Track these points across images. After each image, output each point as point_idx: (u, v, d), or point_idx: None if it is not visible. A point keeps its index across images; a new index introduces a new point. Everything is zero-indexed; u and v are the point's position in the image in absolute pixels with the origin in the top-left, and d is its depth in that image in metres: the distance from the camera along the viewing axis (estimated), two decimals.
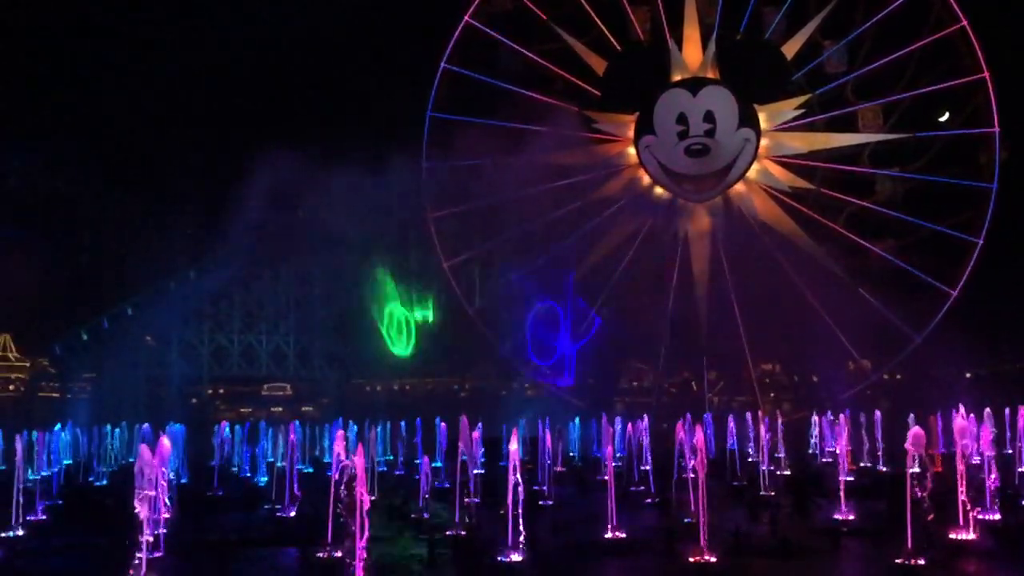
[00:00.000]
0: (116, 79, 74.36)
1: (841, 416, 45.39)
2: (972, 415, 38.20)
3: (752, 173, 65.27)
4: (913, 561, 22.17)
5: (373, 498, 34.54)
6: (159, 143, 75.74)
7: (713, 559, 23.33)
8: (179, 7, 75.84)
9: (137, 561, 21.50)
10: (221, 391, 79.17)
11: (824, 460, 45.90)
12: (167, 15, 76.83)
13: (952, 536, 25.30)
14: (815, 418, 50.76)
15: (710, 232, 65.75)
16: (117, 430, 51.41)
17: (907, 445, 23.68)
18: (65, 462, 45.25)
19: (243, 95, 76.31)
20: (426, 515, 31.34)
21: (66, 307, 76.83)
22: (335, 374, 76.82)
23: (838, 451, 38.58)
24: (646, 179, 66.28)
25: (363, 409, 59.32)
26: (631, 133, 65.96)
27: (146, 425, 41.78)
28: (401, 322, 74.03)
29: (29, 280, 68.40)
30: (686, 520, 27.85)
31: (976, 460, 33.59)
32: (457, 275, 67.60)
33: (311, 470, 46.67)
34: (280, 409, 73.97)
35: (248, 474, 45.62)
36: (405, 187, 64.80)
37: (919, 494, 22.51)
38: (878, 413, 46.40)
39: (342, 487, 20.74)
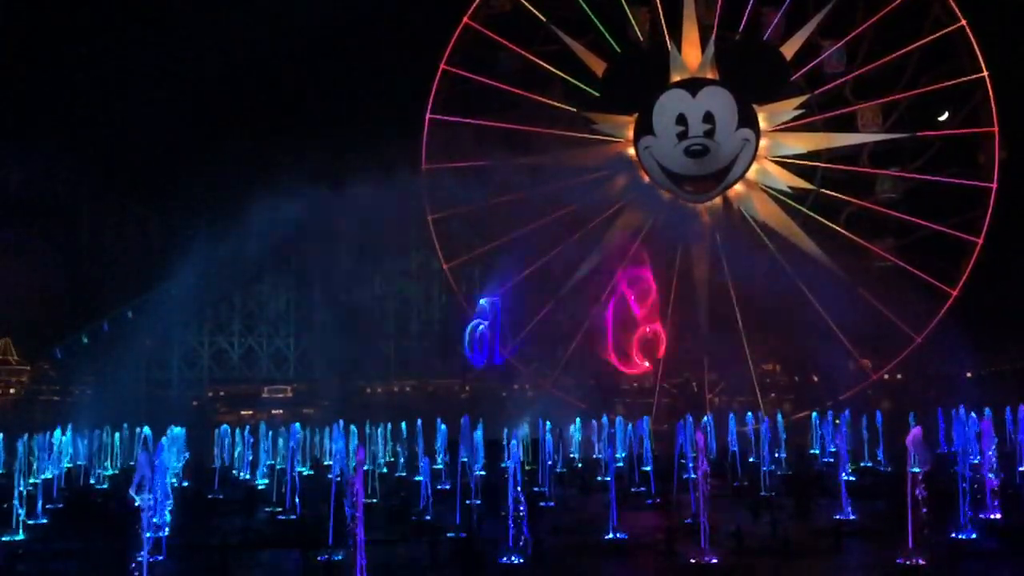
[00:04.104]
0: (117, 84, 74.41)
1: (842, 416, 45.39)
2: (972, 414, 38.22)
3: (751, 173, 65.21)
4: (914, 561, 22.16)
5: (375, 501, 34.75)
6: (158, 147, 75.75)
7: (714, 559, 23.32)
8: (178, 12, 75.80)
9: (137, 564, 21.50)
10: (222, 394, 79.13)
11: (825, 460, 45.87)
12: (166, 20, 76.81)
13: (953, 535, 25.34)
14: (816, 418, 50.75)
15: (710, 233, 65.70)
16: (118, 433, 51.44)
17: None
18: (66, 465, 45.23)
19: (242, 98, 76.30)
20: (427, 517, 31.29)
21: (66, 310, 76.82)
22: (335, 376, 76.74)
23: (838, 451, 38.56)
24: (646, 179, 66.25)
25: (363, 411, 59.30)
26: (630, 134, 65.95)
27: (147, 428, 41.79)
28: None
29: (30, 284, 68.42)
30: (687, 521, 27.87)
31: (975, 460, 33.55)
32: (457, 277, 67.62)
33: (311, 472, 46.68)
34: (280, 411, 73.92)
35: (248, 476, 45.64)
36: (405, 189, 64.74)
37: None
38: (879, 413, 46.37)
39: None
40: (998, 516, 28.22)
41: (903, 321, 60.42)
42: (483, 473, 40.37)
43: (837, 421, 48.85)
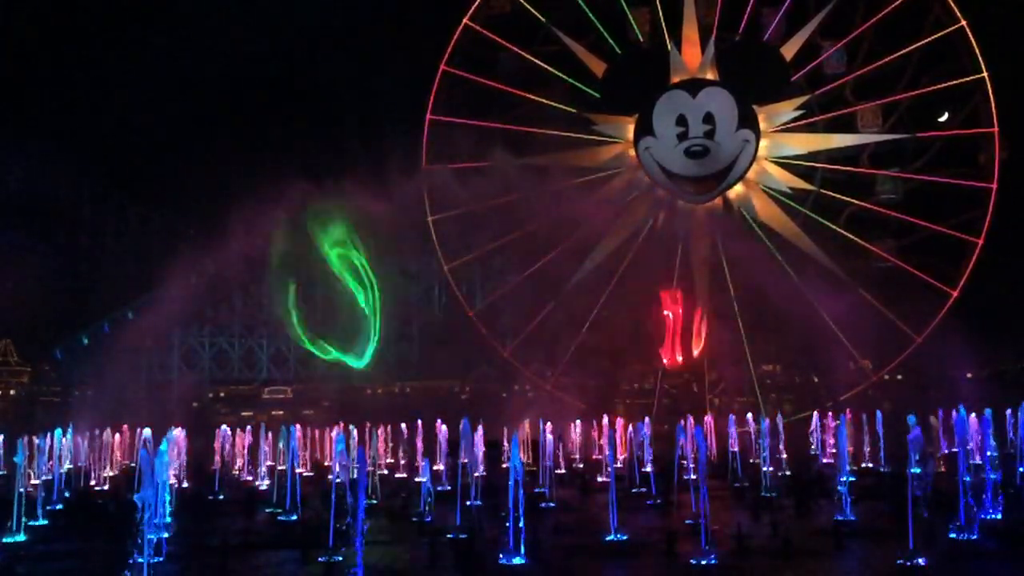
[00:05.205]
0: (117, 86, 74.39)
1: (842, 417, 45.28)
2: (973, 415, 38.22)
3: (752, 174, 65.24)
4: (914, 561, 22.16)
5: (375, 501, 34.75)
6: (158, 147, 75.78)
7: (715, 560, 23.32)
8: (178, 14, 75.84)
9: (138, 565, 21.49)
10: (222, 394, 79.15)
11: (825, 461, 45.84)
12: (166, 19, 76.88)
13: (953, 535, 25.33)
14: (816, 419, 50.73)
15: (710, 233, 65.70)
16: (118, 434, 51.40)
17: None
18: (66, 466, 45.18)
19: (242, 98, 76.32)
20: (428, 518, 31.28)
21: (67, 311, 76.81)
22: (335, 377, 76.65)
23: (838, 452, 38.51)
24: (646, 180, 66.27)
25: (363, 412, 59.25)
26: (631, 135, 65.96)
27: (147, 429, 41.74)
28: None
29: (30, 285, 68.38)
30: (687, 521, 27.87)
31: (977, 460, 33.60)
32: (457, 277, 67.63)
33: (311, 473, 46.66)
34: (281, 412, 73.87)
35: (249, 477, 45.62)
36: (405, 190, 64.73)
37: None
38: (879, 413, 46.35)
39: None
40: (998, 516, 28.24)
41: (903, 321, 60.46)
42: (483, 474, 40.39)
43: (837, 421, 48.80)
